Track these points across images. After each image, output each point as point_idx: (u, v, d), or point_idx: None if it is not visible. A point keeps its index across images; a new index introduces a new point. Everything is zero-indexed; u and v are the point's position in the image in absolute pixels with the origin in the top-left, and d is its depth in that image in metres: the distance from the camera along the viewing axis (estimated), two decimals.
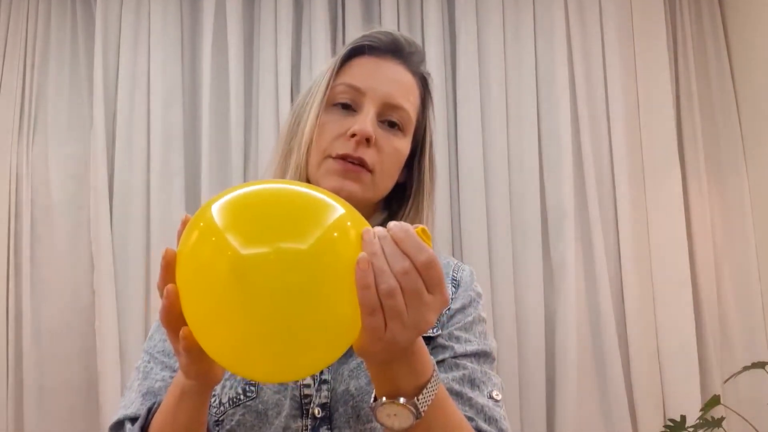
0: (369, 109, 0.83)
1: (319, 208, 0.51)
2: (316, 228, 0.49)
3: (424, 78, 0.92)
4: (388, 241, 0.54)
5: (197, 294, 0.50)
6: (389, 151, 0.84)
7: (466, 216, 2.29)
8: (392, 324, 0.53)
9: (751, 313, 2.33)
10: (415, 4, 2.43)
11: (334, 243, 0.50)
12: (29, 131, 2.32)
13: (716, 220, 2.41)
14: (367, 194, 0.83)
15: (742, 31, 2.44)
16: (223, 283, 0.48)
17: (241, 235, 0.48)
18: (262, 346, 0.49)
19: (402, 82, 0.87)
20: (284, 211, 0.51)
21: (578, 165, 2.36)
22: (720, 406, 1.94)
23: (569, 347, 2.22)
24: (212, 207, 0.51)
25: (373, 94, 0.84)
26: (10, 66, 2.37)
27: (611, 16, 2.43)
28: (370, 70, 0.86)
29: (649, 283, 2.32)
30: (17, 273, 2.23)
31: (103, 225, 2.21)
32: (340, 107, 0.85)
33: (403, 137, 0.87)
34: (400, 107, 0.85)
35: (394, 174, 0.87)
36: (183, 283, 0.51)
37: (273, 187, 0.53)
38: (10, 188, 2.27)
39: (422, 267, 0.53)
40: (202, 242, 0.50)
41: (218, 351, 0.52)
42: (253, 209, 0.51)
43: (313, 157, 0.84)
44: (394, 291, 0.52)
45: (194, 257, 0.50)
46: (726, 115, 2.44)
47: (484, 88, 2.38)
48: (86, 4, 2.42)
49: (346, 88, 0.85)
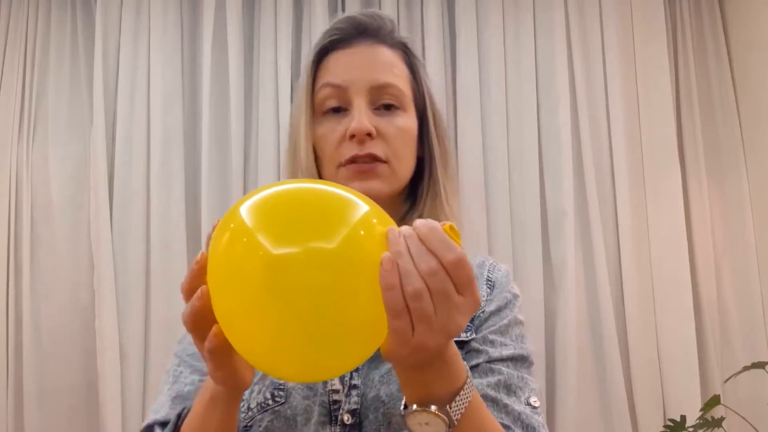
0: (358, 102, 0.80)
1: (345, 207, 0.51)
2: (342, 226, 0.49)
3: (403, 44, 0.87)
4: (414, 239, 0.51)
5: (230, 293, 0.51)
6: (395, 134, 0.81)
7: (466, 216, 2.29)
8: (420, 327, 0.50)
9: (751, 313, 2.33)
10: (415, 4, 2.43)
11: (361, 241, 0.50)
12: (29, 131, 2.32)
13: (716, 220, 2.41)
14: (393, 186, 0.81)
15: (742, 31, 2.44)
16: (255, 283, 0.48)
17: (271, 235, 0.49)
18: (289, 344, 0.49)
19: (380, 59, 0.83)
20: (311, 210, 0.51)
21: (578, 165, 2.36)
22: (720, 406, 1.94)
23: (569, 347, 2.22)
24: (241, 208, 0.52)
25: (356, 85, 0.80)
26: (10, 66, 2.37)
27: (611, 16, 2.43)
28: (344, 63, 0.82)
29: (649, 283, 2.32)
30: (17, 273, 2.23)
31: (103, 225, 2.21)
32: (331, 112, 0.82)
33: (404, 113, 0.83)
34: (387, 85, 0.81)
35: (409, 155, 0.83)
36: (214, 283, 0.52)
37: (300, 186, 0.53)
38: (10, 188, 2.27)
39: (450, 266, 0.50)
40: (233, 243, 0.50)
41: (248, 349, 0.52)
42: (282, 209, 0.51)
43: (326, 170, 0.82)
44: (420, 292, 0.49)
45: (227, 258, 0.51)
46: (726, 114, 2.45)
47: (484, 88, 2.38)
48: (86, 4, 2.42)
49: (328, 91, 0.81)
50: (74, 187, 2.31)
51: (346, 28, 0.84)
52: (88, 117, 2.34)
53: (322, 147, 0.81)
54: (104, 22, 2.34)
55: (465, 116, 2.34)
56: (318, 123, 0.82)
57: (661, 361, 2.28)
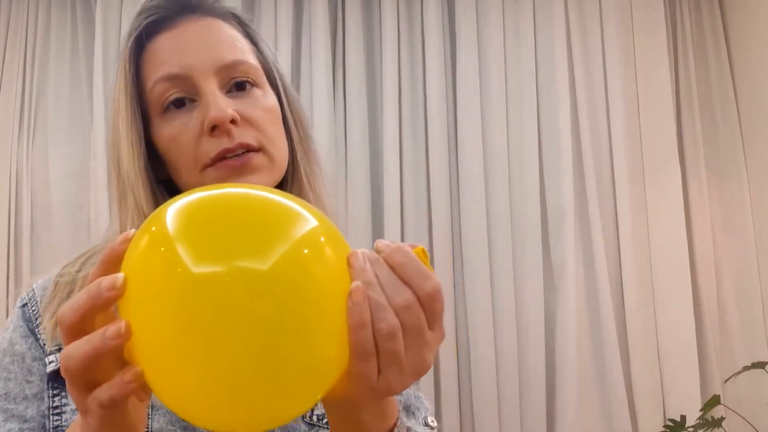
0: (208, 87, 0.65)
1: (288, 219, 0.41)
2: (280, 243, 0.39)
3: (234, 15, 0.73)
4: (383, 266, 0.43)
5: (143, 314, 0.39)
6: (261, 116, 0.67)
7: (466, 216, 2.29)
8: (388, 370, 0.42)
9: (751, 313, 2.33)
10: (415, 4, 2.43)
11: (304, 263, 0.40)
12: (29, 131, 2.32)
13: (716, 220, 2.41)
14: (274, 175, 0.68)
15: (742, 31, 2.44)
16: (171, 307, 0.38)
17: (195, 248, 0.39)
18: (213, 388, 0.39)
19: (217, 34, 0.68)
20: (250, 220, 0.41)
21: (578, 165, 2.36)
22: (720, 406, 1.94)
23: (569, 347, 2.23)
24: (169, 209, 0.41)
25: (198, 68, 0.65)
26: (10, 66, 2.37)
27: (611, 16, 2.43)
28: (174, 46, 0.67)
29: (649, 283, 2.32)
30: (17, 273, 2.23)
31: (103, 225, 2.21)
32: (173, 108, 0.66)
33: (262, 91, 0.69)
34: (236, 62, 0.67)
35: (281, 137, 0.70)
36: (128, 302, 0.40)
37: (242, 191, 0.43)
38: (10, 188, 2.27)
39: (426, 299, 0.43)
40: (150, 252, 0.40)
41: (168, 392, 0.40)
42: (215, 217, 0.41)
43: (186, 178, 0.66)
44: (395, 331, 0.42)
45: (142, 271, 0.40)
46: (726, 114, 2.45)
47: (484, 88, 2.38)
48: (86, 4, 2.42)
49: (165, 84, 0.66)
50: (74, 187, 2.31)
51: (165, 5, 0.68)
52: (88, 117, 2.34)
53: (174, 151, 0.66)
54: (104, 22, 2.34)
55: (465, 116, 2.34)
56: (158, 126, 0.67)
57: (661, 361, 2.28)
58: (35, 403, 0.65)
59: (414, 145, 2.34)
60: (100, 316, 0.41)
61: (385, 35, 2.37)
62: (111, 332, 0.38)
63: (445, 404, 2.19)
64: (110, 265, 0.42)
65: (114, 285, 0.39)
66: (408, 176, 2.31)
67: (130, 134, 0.66)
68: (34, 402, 0.65)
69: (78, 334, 0.40)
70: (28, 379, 0.66)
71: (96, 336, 0.39)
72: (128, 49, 0.68)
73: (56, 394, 0.65)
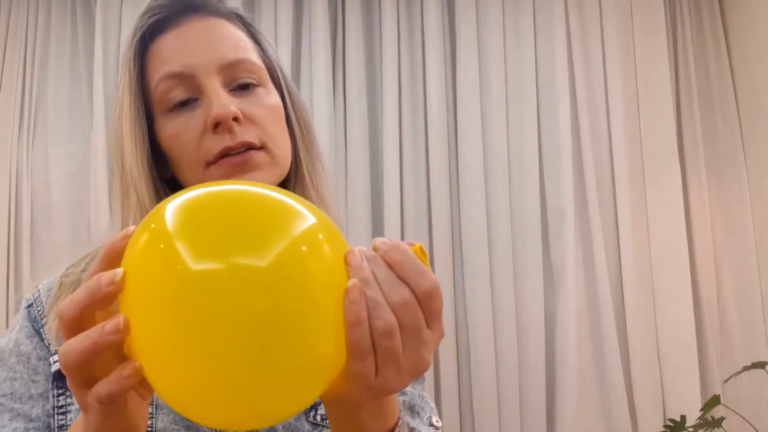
0: (212, 85, 0.66)
1: (287, 216, 0.42)
2: (279, 240, 0.40)
3: (237, 14, 0.74)
4: (380, 264, 0.43)
5: (143, 311, 0.40)
6: (264, 115, 0.68)
7: (466, 216, 2.29)
8: (385, 369, 0.42)
9: (751, 313, 2.33)
10: (415, 4, 2.43)
11: (302, 260, 0.40)
12: (29, 131, 2.32)
13: (716, 220, 2.41)
14: (275, 174, 0.68)
15: (742, 30, 2.44)
16: (170, 304, 0.39)
17: (194, 244, 0.39)
18: (210, 383, 0.39)
19: (221, 33, 0.69)
20: (249, 216, 0.41)
21: (578, 165, 2.36)
22: (720, 406, 1.94)
23: (569, 347, 2.23)
24: (168, 206, 0.42)
25: (202, 67, 0.66)
26: (10, 66, 2.37)
27: (611, 16, 2.43)
28: (179, 45, 0.68)
29: (649, 283, 2.32)
30: (17, 273, 2.23)
31: (103, 225, 2.21)
32: (179, 107, 0.67)
33: (266, 90, 0.70)
34: (240, 61, 0.68)
35: (284, 136, 0.71)
36: (128, 298, 0.41)
37: (241, 188, 0.44)
38: (10, 188, 2.27)
39: (424, 296, 0.43)
40: (149, 249, 0.40)
41: (166, 388, 0.41)
42: (215, 213, 0.41)
43: (189, 176, 0.67)
44: (392, 329, 0.41)
45: (141, 267, 0.41)
46: (726, 114, 2.45)
47: (484, 88, 2.38)
48: (86, 4, 2.42)
49: (169, 83, 0.66)
50: (74, 187, 2.31)
51: (169, 4, 0.69)
52: (88, 117, 2.34)
53: (177, 149, 0.67)
54: (104, 22, 2.34)
55: (465, 116, 2.34)
56: (161, 124, 0.68)
57: (661, 361, 2.28)
58: (40, 402, 0.66)
59: (414, 145, 2.34)
60: (100, 313, 0.41)
61: (385, 35, 2.37)
62: (110, 327, 0.38)
63: (445, 404, 2.19)
64: (110, 261, 0.42)
65: (113, 280, 0.39)
66: (408, 176, 2.31)
67: (133, 132, 0.66)
68: (39, 401, 0.66)
69: (77, 329, 0.40)
70: (34, 379, 0.67)
71: (95, 331, 0.39)
72: (132, 48, 0.68)
73: (61, 393, 0.66)
